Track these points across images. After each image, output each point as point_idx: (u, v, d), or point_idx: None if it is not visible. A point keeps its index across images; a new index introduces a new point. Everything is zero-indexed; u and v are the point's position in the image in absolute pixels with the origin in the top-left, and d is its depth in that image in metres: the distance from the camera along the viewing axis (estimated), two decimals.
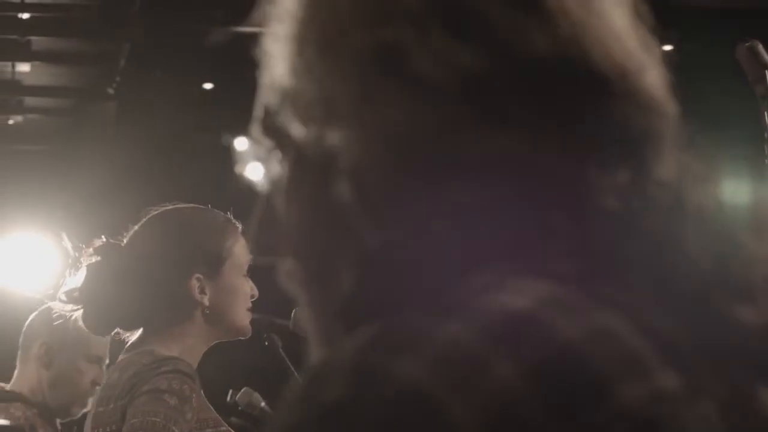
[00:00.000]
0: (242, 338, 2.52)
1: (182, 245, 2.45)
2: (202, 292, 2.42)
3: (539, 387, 0.66)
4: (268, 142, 0.83)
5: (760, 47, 2.00)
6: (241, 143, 0.87)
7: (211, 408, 2.41)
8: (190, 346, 2.42)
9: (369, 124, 0.76)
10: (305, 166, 0.80)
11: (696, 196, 0.75)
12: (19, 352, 3.33)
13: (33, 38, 6.00)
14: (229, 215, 2.55)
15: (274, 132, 0.81)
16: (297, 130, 0.80)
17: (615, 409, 0.66)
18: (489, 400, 0.65)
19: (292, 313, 2.83)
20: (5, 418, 3.13)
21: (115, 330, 2.47)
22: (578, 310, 0.69)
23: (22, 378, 3.27)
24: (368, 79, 0.76)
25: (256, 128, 0.84)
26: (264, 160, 0.83)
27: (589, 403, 0.66)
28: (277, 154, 0.82)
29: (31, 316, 3.34)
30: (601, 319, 0.69)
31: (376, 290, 0.75)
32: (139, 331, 2.43)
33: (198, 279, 2.42)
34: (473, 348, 0.66)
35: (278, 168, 0.82)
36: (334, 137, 0.77)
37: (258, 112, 0.84)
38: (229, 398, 3.06)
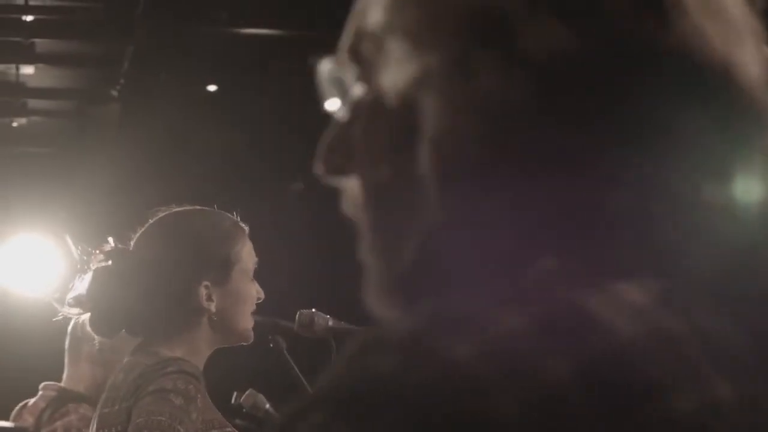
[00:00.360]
0: (245, 344, 2.52)
1: (190, 252, 2.44)
2: (210, 299, 2.42)
3: (590, 387, 0.64)
4: (353, 69, 0.80)
5: None
6: (325, 65, 0.84)
7: (216, 409, 2.41)
8: (194, 349, 2.42)
9: (460, 92, 0.74)
10: (386, 114, 0.77)
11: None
12: (67, 354, 3.33)
13: (37, 41, 6.01)
14: (236, 218, 2.55)
15: (362, 62, 0.79)
16: (384, 74, 0.77)
17: (666, 416, 0.64)
18: (537, 395, 0.63)
19: (297, 315, 2.83)
20: (78, 419, 3.15)
21: (121, 332, 2.47)
22: (637, 309, 0.67)
23: (74, 378, 3.28)
24: (467, 45, 0.74)
25: (343, 52, 0.81)
26: (343, 85, 0.81)
27: (640, 408, 0.64)
28: (360, 84, 0.80)
29: (77, 318, 3.36)
30: (660, 319, 0.67)
31: (437, 265, 0.73)
32: (145, 335, 2.43)
33: (206, 287, 2.42)
34: (527, 340, 0.65)
35: (358, 98, 0.80)
36: (422, 96, 0.75)
37: (348, 36, 0.81)
38: (233, 400, 3.06)
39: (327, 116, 0.84)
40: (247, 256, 2.49)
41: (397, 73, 0.77)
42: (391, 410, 0.63)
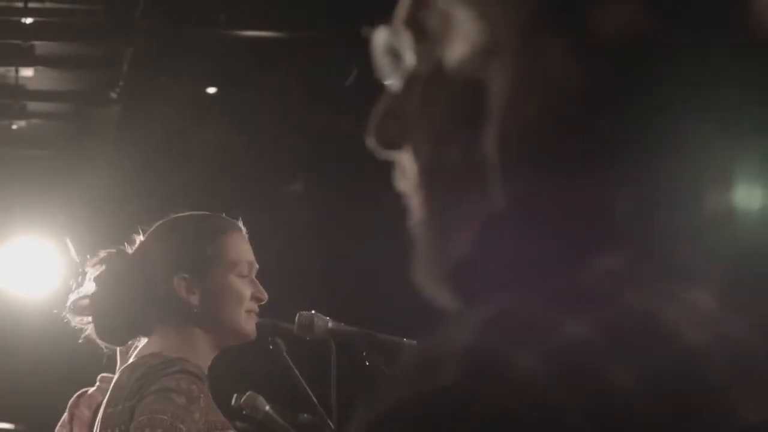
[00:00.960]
0: (247, 342, 2.52)
1: (166, 248, 2.47)
2: (190, 291, 2.43)
3: (657, 394, 0.62)
4: (410, 38, 0.76)
5: None
6: (380, 33, 0.79)
7: (219, 410, 2.42)
8: (196, 351, 2.43)
9: (528, 71, 0.70)
10: (448, 87, 0.74)
11: None
12: (120, 350, 3.34)
13: (36, 43, 6.00)
14: (233, 220, 2.56)
15: (422, 31, 0.75)
16: (448, 45, 0.73)
17: (733, 424, 0.62)
18: (603, 403, 0.61)
19: (296, 317, 2.83)
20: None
21: (127, 338, 2.48)
22: (702, 312, 0.65)
23: None
24: (537, 21, 0.70)
25: (400, 20, 0.77)
26: (397, 54, 0.77)
27: (706, 416, 0.62)
28: (418, 54, 0.75)
29: None
30: (725, 323, 0.65)
31: (495, 255, 0.71)
32: (148, 337, 2.45)
33: (183, 279, 2.43)
34: (592, 346, 0.63)
35: (414, 68, 0.76)
36: (488, 72, 0.71)
37: (406, 4, 0.77)
38: (233, 402, 3.06)
39: (326, 118, 0.83)
40: (232, 252, 2.49)
41: (462, 45, 0.73)
42: (461, 427, 0.61)
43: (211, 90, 6.45)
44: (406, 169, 0.77)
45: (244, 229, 2.55)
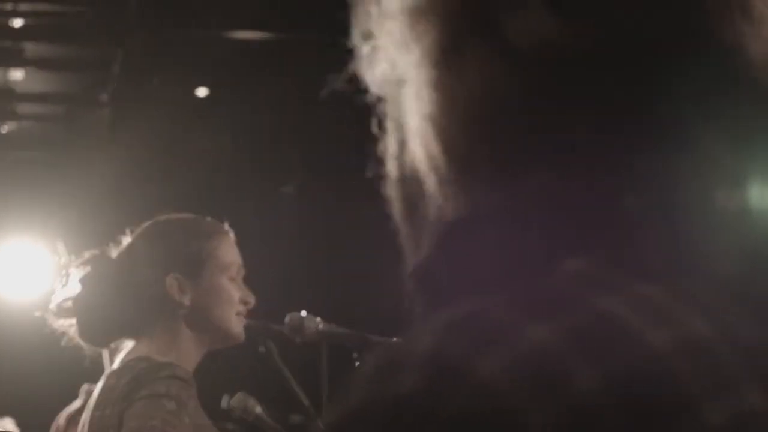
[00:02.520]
0: (236, 345, 2.52)
1: (158, 248, 2.47)
2: (182, 291, 2.43)
3: (623, 399, 0.62)
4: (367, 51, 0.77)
5: None
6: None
7: (206, 416, 2.41)
8: (184, 353, 2.42)
9: (449, 82, 0.71)
10: (384, 101, 0.76)
11: None
12: (106, 352, 3.34)
13: (26, 45, 5.99)
14: (221, 223, 2.56)
15: (371, 44, 0.76)
16: (384, 58, 0.75)
17: (697, 424, 0.62)
18: (568, 409, 0.61)
19: (286, 319, 2.82)
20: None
21: (111, 340, 2.48)
22: (669, 316, 0.65)
23: None
24: (457, 32, 0.72)
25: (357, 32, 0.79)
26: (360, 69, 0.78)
27: (674, 420, 0.62)
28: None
29: None
30: (692, 327, 0.65)
31: (457, 264, 0.71)
32: (134, 340, 2.44)
33: (176, 278, 2.43)
34: (556, 351, 0.63)
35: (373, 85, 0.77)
36: (414, 84, 0.73)
37: (359, 16, 0.78)
38: (223, 404, 3.06)
39: (318, 120, 0.83)
40: (224, 255, 2.50)
41: (393, 58, 0.74)
42: (425, 431, 0.61)
43: (203, 92, 6.45)
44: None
45: (232, 232, 2.56)
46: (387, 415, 0.62)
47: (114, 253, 2.51)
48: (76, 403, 3.15)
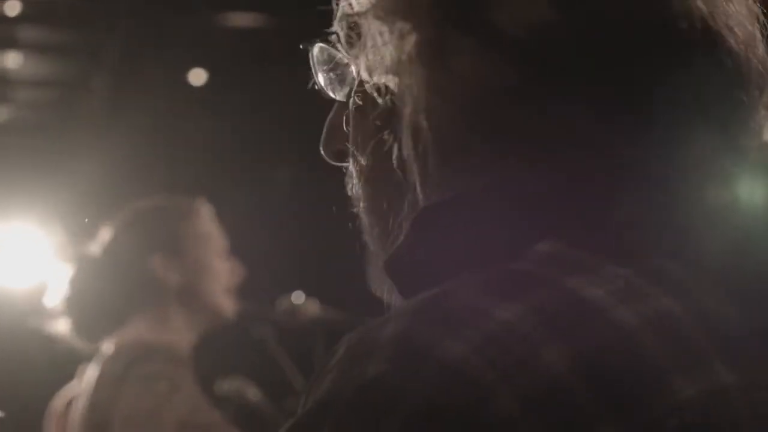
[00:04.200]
0: (226, 322, 2.53)
1: (137, 232, 2.48)
2: (167, 269, 2.44)
3: (591, 377, 0.62)
4: (343, 53, 0.78)
5: None
6: (318, 51, 0.82)
7: (202, 396, 2.42)
8: (177, 333, 2.43)
9: (436, 75, 0.71)
10: (368, 98, 0.76)
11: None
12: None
13: (21, 29, 5.97)
14: (195, 200, 2.57)
15: (348, 46, 0.77)
16: (365, 58, 0.75)
17: (669, 403, 0.63)
18: (536, 387, 0.61)
19: (280, 303, 2.82)
20: None
21: (107, 334, 2.48)
22: (638, 294, 0.65)
23: None
24: (441, 25, 0.72)
25: (333, 35, 0.80)
26: (337, 69, 0.79)
27: (642, 396, 0.62)
28: (351, 68, 0.78)
29: None
30: (661, 304, 0.65)
31: (426, 250, 0.71)
32: (127, 325, 2.44)
33: (160, 258, 2.44)
34: (523, 331, 0.63)
35: (350, 82, 0.78)
36: (400, 80, 0.73)
37: (336, 19, 0.79)
38: (218, 389, 3.06)
39: (312, 105, 0.84)
40: (204, 230, 2.51)
41: (375, 56, 0.75)
42: (389, 418, 0.61)
43: (199, 77, 6.43)
44: (350, 176, 0.80)
45: (209, 207, 2.57)
46: (356, 398, 0.63)
47: (96, 248, 2.51)
48: (74, 387, 3.15)
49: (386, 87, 0.75)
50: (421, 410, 0.61)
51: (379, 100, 0.75)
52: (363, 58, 0.76)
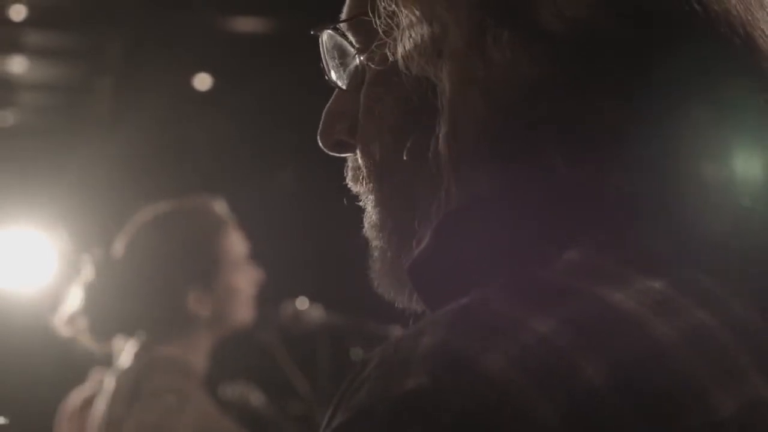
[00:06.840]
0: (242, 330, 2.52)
1: (168, 247, 2.44)
2: (201, 304, 2.41)
3: (629, 391, 0.61)
4: (357, 37, 0.76)
5: None
6: (326, 34, 0.79)
7: (212, 404, 2.41)
8: (193, 347, 2.42)
9: (475, 66, 0.70)
10: (396, 86, 0.74)
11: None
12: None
13: (26, 33, 5.98)
14: (221, 207, 2.54)
15: (368, 30, 0.75)
16: (395, 44, 0.73)
17: (708, 417, 0.62)
18: (575, 401, 0.60)
19: (285, 308, 2.81)
20: None
21: (122, 337, 2.47)
22: (670, 303, 0.64)
23: None
24: (481, 16, 0.71)
25: (346, 19, 0.77)
26: (344, 55, 0.77)
27: (681, 410, 0.61)
28: (365, 54, 0.76)
29: None
30: (698, 317, 0.64)
31: (456, 254, 0.70)
32: (144, 335, 2.43)
33: (195, 292, 2.41)
34: (561, 344, 0.62)
35: (361, 68, 0.76)
36: (436, 69, 0.71)
37: (352, 3, 0.77)
38: (222, 393, 3.05)
39: (317, 105, 0.82)
40: (234, 247, 2.48)
41: (409, 43, 0.73)
42: (432, 426, 0.60)
43: (203, 78, 6.43)
44: (357, 169, 0.77)
45: (232, 216, 2.54)
46: (393, 412, 0.61)
47: (119, 251, 2.47)
48: (88, 388, 3.15)
49: (419, 78, 0.72)
50: (462, 423, 0.60)
51: (409, 89, 0.73)
52: (400, 47, 0.74)
